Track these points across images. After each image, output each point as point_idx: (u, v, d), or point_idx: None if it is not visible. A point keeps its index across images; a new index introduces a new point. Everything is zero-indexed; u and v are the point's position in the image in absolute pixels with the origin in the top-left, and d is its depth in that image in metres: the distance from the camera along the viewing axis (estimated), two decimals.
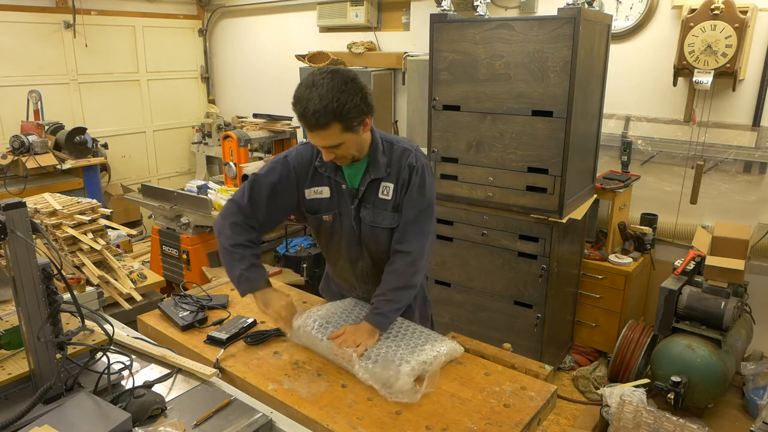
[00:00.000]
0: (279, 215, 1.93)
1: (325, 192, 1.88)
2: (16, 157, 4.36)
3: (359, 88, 1.65)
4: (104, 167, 5.06)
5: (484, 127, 3.10)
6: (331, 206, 1.89)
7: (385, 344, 1.73)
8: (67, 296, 1.38)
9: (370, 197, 1.86)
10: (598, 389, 3.23)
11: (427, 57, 3.27)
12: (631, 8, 3.61)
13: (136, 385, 1.43)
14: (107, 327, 1.44)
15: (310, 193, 1.90)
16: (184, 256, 4.10)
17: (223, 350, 1.79)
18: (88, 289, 2.31)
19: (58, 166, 4.51)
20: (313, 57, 4.93)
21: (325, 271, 2.24)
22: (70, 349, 1.44)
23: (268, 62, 5.77)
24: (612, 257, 3.53)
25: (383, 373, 1.59)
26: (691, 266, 3.15)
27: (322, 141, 1.68)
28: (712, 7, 3.12)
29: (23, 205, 1.26)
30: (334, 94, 1.60)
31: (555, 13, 2.77)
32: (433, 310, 2.23)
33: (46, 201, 2.71)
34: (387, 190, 1.83)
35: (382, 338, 1.77)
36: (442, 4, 3.29)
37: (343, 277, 2.09)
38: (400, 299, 1.83)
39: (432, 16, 3.15)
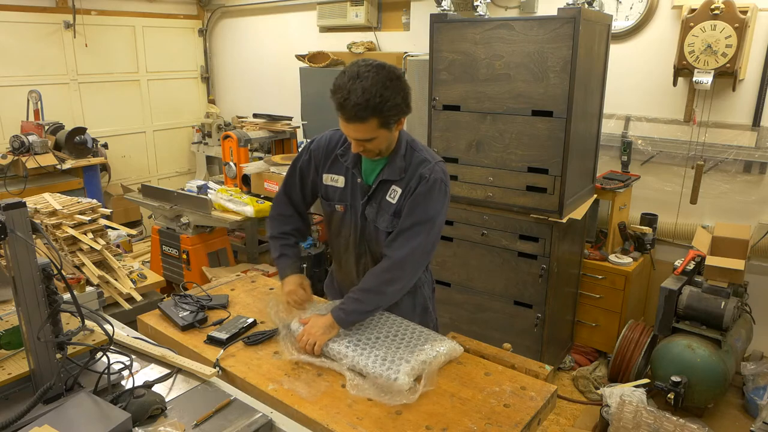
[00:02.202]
0: (312, 195, 2.03)
1: (340, 181, 1.91)
2: (16, 157, 4.36)
3: (402, 87, 1.65)
4: (104, 167, 5.06)
5: (484, 127, 3.10)
6: (344, 197, 1.91)
7: (385, 344, 1.73)
8: (67, 296, 1.38)
9: (378, 196, 1.86)
10: (598, 389, 3.23)
11: (427, 57, 3.27)
12: (631, 8, 3.62)
13: (136, 385, 1.42)
14: (107, 327, 1.44)
15: (327, 179, 1.93)
16: (184, 256, 4.10)
17: (223, 350, 1.79)
18: (88, 289, 2.31)
19: (58, 166, 4.51)
20: (313, 57, 4.92)
21: (330, 270, 2.24)
22: (70, 349, 1.44)
23: (268, 62, 5.76)
24: (612, 257, 3.53)
25: (381, 372, 1.59)
26: (691, 266, 3.15)
27: (356, 133, 1.68)
28: (712, 7, 3.12)
29: (23, 205, 1.25)
30: (377, 89, 1.58)
31: (555, 13, 2.77)
32: (435, 322, 2.17)
33: (46, 201, 2.71)
34: (394, 194, 1.83)
35: (381, 338, 1.77)
36: (442, 4, 3.29)
37: (345, 272, 2.08)
38: (366, 301, 1.80)
39: (432, 16, 3.15)
